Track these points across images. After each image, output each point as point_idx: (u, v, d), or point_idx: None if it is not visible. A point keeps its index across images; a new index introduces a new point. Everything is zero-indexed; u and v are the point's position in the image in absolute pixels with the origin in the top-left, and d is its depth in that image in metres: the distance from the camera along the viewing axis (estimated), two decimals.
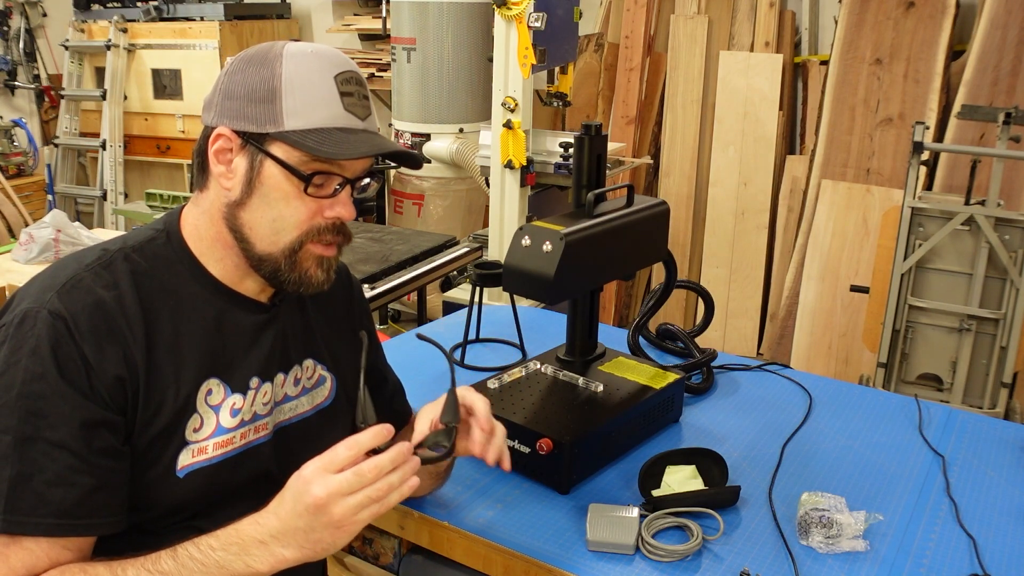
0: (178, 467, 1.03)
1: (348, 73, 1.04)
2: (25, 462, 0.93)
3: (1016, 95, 3.45)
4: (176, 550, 0.96)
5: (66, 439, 0.94)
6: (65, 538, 0.95)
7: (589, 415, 1.39)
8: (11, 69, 5.60)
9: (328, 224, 1.06)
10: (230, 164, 1.04)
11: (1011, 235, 2.71)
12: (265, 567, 0.96)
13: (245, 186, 1.04)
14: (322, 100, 1.02)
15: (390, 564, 1.40)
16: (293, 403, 1.18)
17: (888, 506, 1.31)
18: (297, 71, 1.01)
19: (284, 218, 1.04)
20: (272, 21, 5.41)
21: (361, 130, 1.05)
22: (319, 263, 1.08)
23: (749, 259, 4.18)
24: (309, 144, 1.00)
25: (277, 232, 1.05)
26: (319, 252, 1.07)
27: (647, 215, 1.50)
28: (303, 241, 1.05)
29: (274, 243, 1.05)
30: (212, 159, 1.05)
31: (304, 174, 1.02)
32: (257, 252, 1.06)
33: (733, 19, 4.23)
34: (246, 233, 1.05)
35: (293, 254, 1.06)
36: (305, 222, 1.05)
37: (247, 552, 0.96)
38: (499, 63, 3.16)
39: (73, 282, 0.99)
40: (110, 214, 5.28)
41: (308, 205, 1.04)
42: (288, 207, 1.04)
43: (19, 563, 0.93)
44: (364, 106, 1.06)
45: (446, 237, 3.23)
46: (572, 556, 1.18)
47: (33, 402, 0.94)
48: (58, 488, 0.94)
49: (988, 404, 2.84)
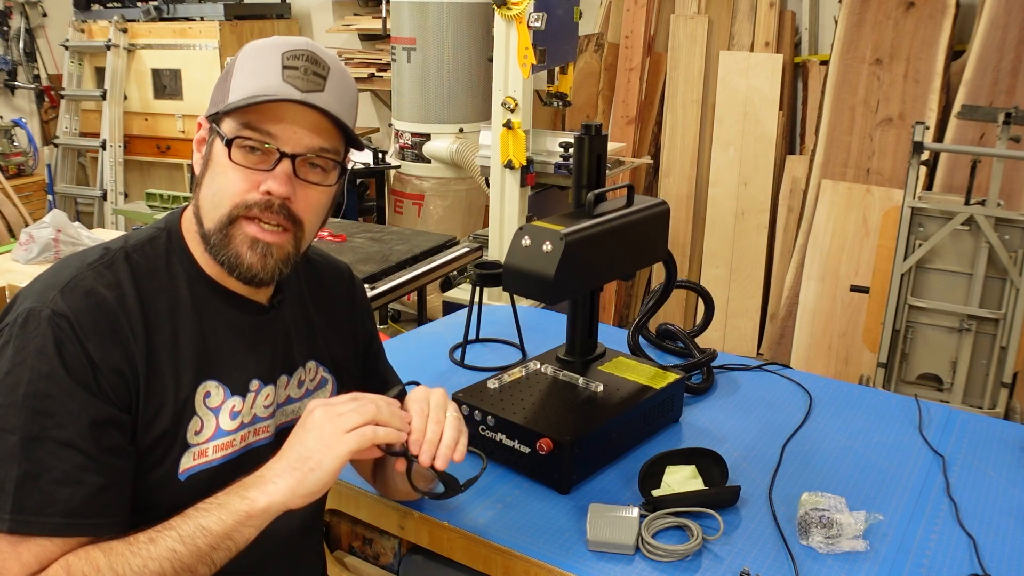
0: (180, 470, 1.04)
1: (299, 51, 1.03)
2: (32, 461, 0.93)
3: (1016, 95, 3.45)
4: (186, 510, 0.99)
5: (74, 438, 0.94)
6: (74, 538, 0.96)
7: (589, 415, 1.39)
8: (11, 69, 5.60)
9: (259, 199, 1.03)
10: (202, 150, 1.08)
11: (1011, 235, 2.71)
12: (262, 500, 0.97)
13: (203, 166, 1.07)
14: (262, 73, 1.02)
15: (390, 564, 1.40)
16: (296, 405, 1.17)
17: (888, 506, 1.31)
18: (249, 51, 1.05)
19: (221, 190, 1.03)
20: (272, 21, 5.41)
21: (297, 100, 1.02)
22: (251, 244, 1.04)
23: (749, 259, 4.18)
24: (231, 107, 1.01)
25: (215, 207, 1.04)
26: (252, 232, 1.03)
27: (647, 215, 1.49)
28: (234, 215, 1.03)
29: (212, 218, 1.04)
30: (195, 150, 1.08)
31: (227, 138, 1.02)
32: (204, 230, 1.05)
33: (733, 19, 4.23)
34: (200, 214, 1.06)
35: (224, 228, 1.04)
36: (238, 194, 1.03)
37: (246, 487, 0.99)
38: (499, 63, 3.16)
39: (76, 281, 0.99)
40: (110, 214, 5.28)
41: (244, 177, 1.02)
42: (224, 178, 1.03)
43: (32, 559, 0.94)
44: (308, 80, 1.02)
45: (446, 237, 3.23)
46: (572, 556, 1.18)
47: (40, 401, 0.94)
48: (66, 487, 0.94)
49: (988, 404, 2.84)
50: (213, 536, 0.96)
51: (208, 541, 0.96)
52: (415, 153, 4.16)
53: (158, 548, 0.95)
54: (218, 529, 0.96)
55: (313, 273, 1.26)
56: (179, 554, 0.95)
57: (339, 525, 1.45)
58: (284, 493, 0.97)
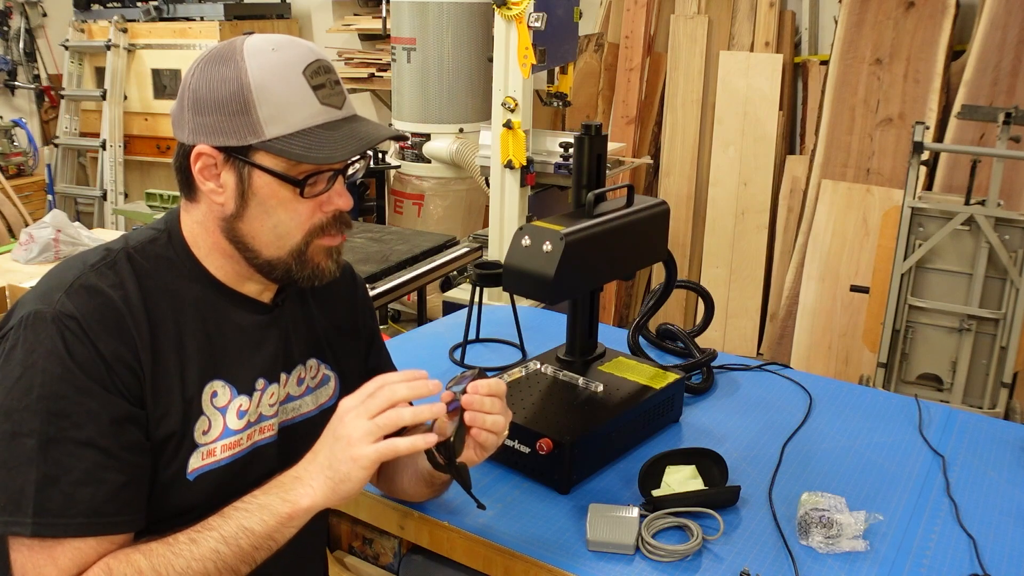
0: (188, 470, 1.04)
1: (315, 64, 1.02)
2: (51, 463, 0.93)
3: (1016, 95, 3.45)
4: (223, 510, 0.99)
5: (93, 436, 0.94)
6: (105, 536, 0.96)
7: (589, 415, 1.39)
8: (11, 69, 5.60)
9: (329, 218, 1.06)
10: (218, 179, 1.03)
11: (1011, 235, 2.71)
12: (304, 501, 0.98)
13: (238, 199, 1.03)
14: (297, 100, 1.00)
15: (390, 564, 1.40)
16: (297, 403, 1.18)
17: (888, 506, 1.31)
18: (263, 75, 0.98)
19: (285, 223, 1.04)
20: (272, 21, 5.41)
21: (342, 120, 1.03)
22: (328, 254, 1.09)
23: (749, 259, 4.18)
24: (296, 151, 0.99)
25: (281, 237, 1.05)
26: (326, 244, 1.08)
27: (647, 215, 1.50)
28: (309, 240, 1.06)
29: (280, 247, 1.05)
30: (198, 177, 1.03)
31: (297, 179, 1.02)
32: (265, 258, 1.06)
33: (733, 19, 4.23)
34: (249, 243, 1.05)
35: (302, 254, 1.06)
36: (306, 222, 1.05)
37: (285, 489, 0.99)
38: (499, 63, 3.16)
39: (80, 282, 0.99)
40: (110, 214, 5.28)
41: (306, 205, 1.04)
42: (287, 212, 1.04)
43: (69, 562, 0.94)
44: (338, 93, 1.04)
45: (446, 237, 3.23)
46: (572, 556, 1.18)
47: (55, 403, 0.93)
48: (87, 487, 0.94)
49: (988, 404, 2.84)
50: (256, 536, 0.97)
51: (251, 541, 0.97)
52: (415, 153, 4.16)
53: (201, 549, 0.96)
54: (261, 530, 0.97)
55: None
56: (223, 555, 0.96)
57: (339, 525, 1.45)
58: (324, 494, 0.99)
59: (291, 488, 0.99)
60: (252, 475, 1.09)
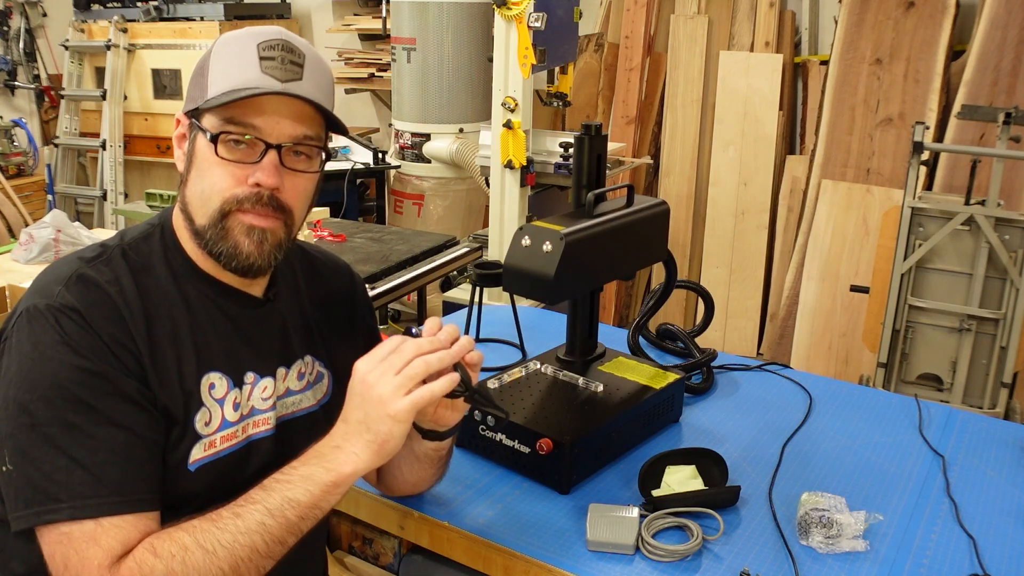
0: (190, 460, 1.04)
1: (274, 41, 1.04)
2: (75, 448, 0.94)
3: (1016, 95, 3.45)
4: (263, 483, 0.99)
5: (113, 417, 0.96)
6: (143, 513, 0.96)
7: (589, 415, 1.39)
8: (11, 69, 5.60)
9: (249, 192, 1.04)
10: (184, 146, 1.08)
11: (1011, 235, 2.71)
12: (347, 468, 0.99)
13: (186, 163, 1.07)
14: (239, 66, 1.02)
15: (390, 564, 1.40)
16: (296, 397, 1.18)
17: (888, 506, 1.31)
18: (224, 44, 1.05)
19: (210, 186, 1.04)
20: (272, 21, 5.40)
21: (278, 92, 1.02)
22: (248, 233, 1.05)
23: (749, 259, 4.18)
24: (213, 103, 1.01)
25: (205, 203, 1.05)
26: (248, 221, 1.05)
27: (647, 215, 1.49)
28: (226, 209, 1.04)
29: (204, 213, 1.05)
30: (175, 147, 1.08)
31: (212, 134, 1.03)
32: (197, 225, 1.06)
33: (733, 19, 4.23)
34: (189, 211, 1.07)
35: (219, 223, 1.05)
36: (227, 189, 1.04)
37: (326, 459, 1.00)
38: (499, 63, 3.16)
39: (78, 275, 1.01)
40: (110, 214, 5.28)
41: (231, 172, 1.04)
42: (212, 175, 1.04)
43: (112, 541, 0.94)
44: (287, 70, 1.03)
45: (446, 237, 3.23)
46: (572, 556, 1.18)
47: (68, 389, 0.94)
48: (114, 467, 0.95)
49: (988, 404, 2.84)
50: (302, 507, 0.98)
51: (297, 512, 0.98)
52: (415, 153, 4.16)
53: (247, 522, 0.96)
54: (306, 500, 0.98)
55: (312, 270, 1.26)
56: (269, 527, 0.96)
57: (339, 525, 1.45)
58: (369, 457, 0.99)
59: (332, 457, 1.00)
60: (249, 468, 1.10)
